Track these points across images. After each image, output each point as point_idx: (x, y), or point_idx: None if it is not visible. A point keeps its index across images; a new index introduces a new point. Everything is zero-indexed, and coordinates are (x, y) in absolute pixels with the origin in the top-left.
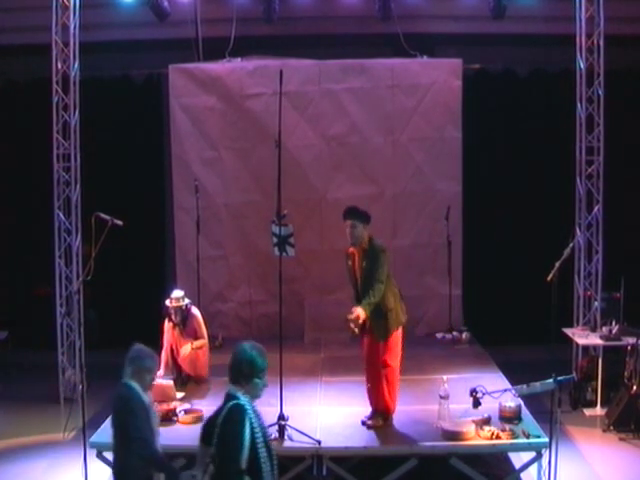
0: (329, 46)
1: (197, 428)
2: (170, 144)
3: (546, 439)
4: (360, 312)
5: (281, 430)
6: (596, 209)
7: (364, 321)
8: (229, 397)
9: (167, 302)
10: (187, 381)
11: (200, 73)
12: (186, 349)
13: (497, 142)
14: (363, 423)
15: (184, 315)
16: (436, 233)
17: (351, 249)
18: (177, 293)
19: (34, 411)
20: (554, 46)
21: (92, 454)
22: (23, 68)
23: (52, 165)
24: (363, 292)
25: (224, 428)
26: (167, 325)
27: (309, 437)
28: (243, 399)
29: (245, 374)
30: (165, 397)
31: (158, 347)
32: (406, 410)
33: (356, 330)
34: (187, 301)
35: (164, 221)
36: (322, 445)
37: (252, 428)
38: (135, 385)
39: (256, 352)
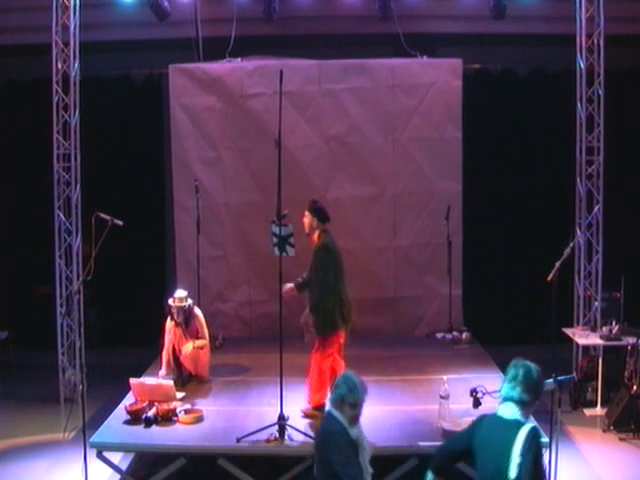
0: (329, 46)
1: (197, 428)
2: (170, 144)
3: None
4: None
5: (281, 430)
6: (596, 209)
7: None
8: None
9: (170, 301)
10: (188, 381)
11: (200, 73)
12: (188, 348)
13: (497, 142)
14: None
15: (186, 315)
16: (436, 233)
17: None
18: (180, 293)
19: (34, 411)
20: (554, 46)
21: (92, 454)
22: (23, 68)
23: (52, 165)
24: (310, 287)
25: None
26: (169, 324)
27: (309, 437)
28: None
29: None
30: (165, 397)
31: (159, 346)
32: (406, 410)
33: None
34: (190, 301)
35: (164, 221)
36: None
37: None
38: (338, 416)
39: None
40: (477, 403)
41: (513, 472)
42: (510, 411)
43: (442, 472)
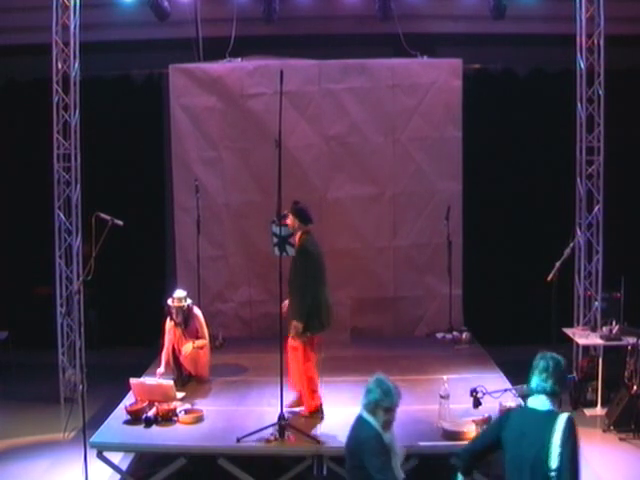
0: (329, 46)
1: (197, 428)
2: (170, 144)
3: None
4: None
5: (281, 430)
6: (596, 209)
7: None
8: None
9: (169, 301)
10: (188, 381)
11: (200, 73)
12: (187, 348)
13: (497, 142)
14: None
15: (186, 315)
16: (436, 233)
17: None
18: (179, 293)
19: (34, 411)
20: (554, 46)
21: (92, 454)
22: (23, 68)
23: (52, 165)
24: (289, 288)
25: None
26: (169, 324)
27: (309, 437)
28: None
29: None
30: (165, 397)
31: (159, 346)
32: (406, 410)
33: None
34: (189, 301)
35: (164, 221)
36: (322, 445)
37: None
38: (372, 420)
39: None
40: (477, 403)
41: (554, 462)
42: (541, 403)
43: (471, 472)
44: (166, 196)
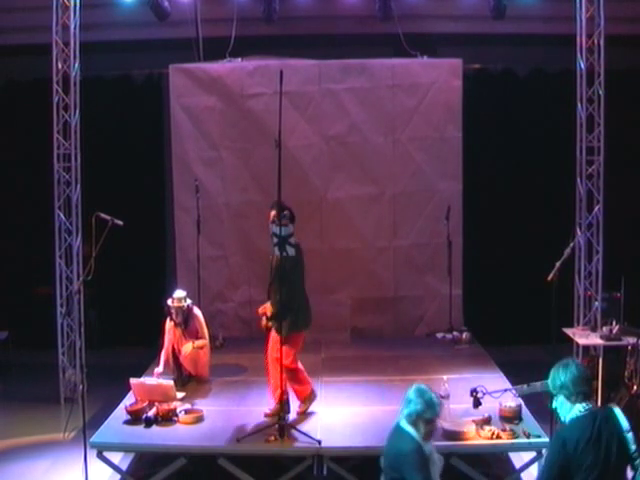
0: (329, 46)
1: (197, 428)
2: (170, 144)
3: (547, 439)
4: (268, 306)
5: (281, 430)
6: (596, 209)
7: (268, 316)
8: None
9: (169, 302)
10: (188, 381)
11: (200, 73)
12: (187, 348)
13: (497, 142)
14: (265, 415)
15: (185, 315)
16: (436, 233)
17: None
18: (179, 293)
19: (34, 411)
20: (554, 46)
21: (92, 454)
22: (23, 68)
23: (52, 165)
24: (276, 285)
25: None
26: (168, 324)
27: (309, 437)
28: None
29: None
30: (165, 397)
31: (158, 347)
32: None
33: (264, 323)
34: (189, 302)
35: (164, 221)
36: (322, 445)
37: None
38: (412, 432)
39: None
40: (477, 403)
41: (633, 445)
42: (585, 406)
43: None
44: (166, 196)
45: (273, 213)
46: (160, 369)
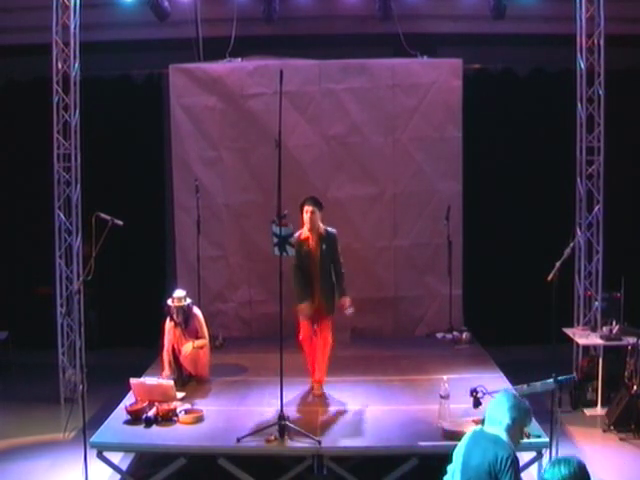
0: (329, 46)
1: (197, 428)
2: (170, 144)
3: (546, 439)
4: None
5: (281, 430)
6: (596, 209)
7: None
8: None
9: (169, 301)
10: (188, 381)
11: (200, 73)
12: (187, 348)
13: (497, 142)
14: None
15: (186, 315)
16: (436, 233)
17: (305, 235)
18: (179, 293)
19: (34, 411)
20: (554, 46)
21: (92, 454)
22: (23, 68)
23: (52, 165)
24: (322, 272)
25: None
26: (168, 324)
27: (309, 437)
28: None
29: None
30: (165, 397)
31: (158, 346)
32: (406, 410)
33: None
34: (189, 301)
35: (164, 221)
36: (322, 445)
37: None
38: (508, 440)
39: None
40: (477, 403)
41: None
42: None
43: None
44: (166, 196)
45: (310, 209)
46: (167, 372)
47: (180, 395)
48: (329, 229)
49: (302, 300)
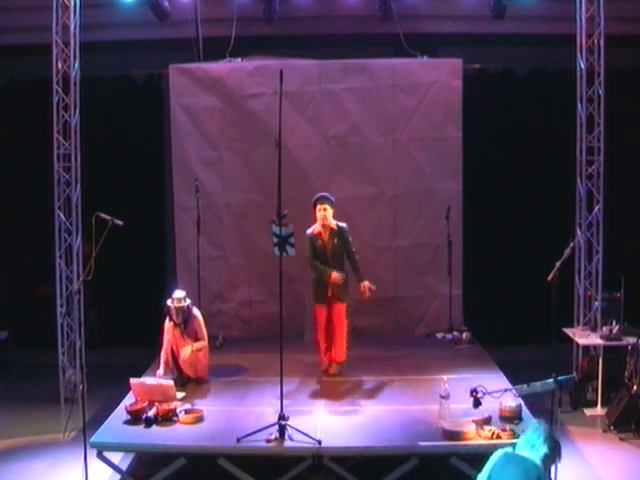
0: (329, 46)
1: (197, 428)
2: (170, 144)
3: None
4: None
5: (281, 430)
6: (596, 209)
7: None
8: None
9: (169, 302)
10: (187, 381)
11: (200, 73)
12: (186, 351)
13: (497, 142)
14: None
15: (185, 316)
16: (436, 233)
17: (318, 230)
18: (179, 293)
19: (34, 411)
20: (554, 46)
21: (92, 454)
22: (23, 68)
23: (52, 165)
24: (335, 264)
25: None
26: (167, 324)
27: (309, 437)
28: None
29: None
30: (165, 397)
31: (158, 346)
32: (406, 410)
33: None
34: (188, 302)
35: (164, 221)
36: (322, 445)
37: None
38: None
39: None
40: (477, 403)
41: None
42: None
43: None
44: (166, 196)
45: (324, 206)
46: (161, 372)
47: (180, 395)
48: (340, 223)
49: (328, 271)
